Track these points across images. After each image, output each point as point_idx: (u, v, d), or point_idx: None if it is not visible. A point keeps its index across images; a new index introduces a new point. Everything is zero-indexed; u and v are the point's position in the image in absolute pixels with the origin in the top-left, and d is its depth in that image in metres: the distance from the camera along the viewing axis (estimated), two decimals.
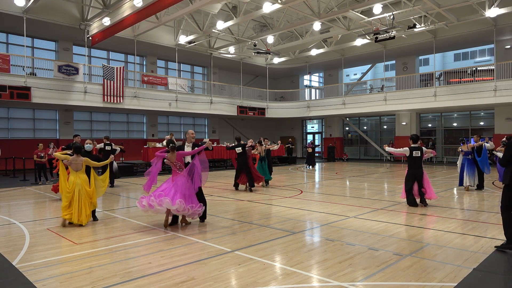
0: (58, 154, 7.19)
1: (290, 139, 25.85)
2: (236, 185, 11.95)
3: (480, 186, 11.11)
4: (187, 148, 6.87)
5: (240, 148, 11.66)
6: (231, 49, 23.45)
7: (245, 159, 11.59)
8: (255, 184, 11.74)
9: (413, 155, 8.43)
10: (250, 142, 11.98)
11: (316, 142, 32.07)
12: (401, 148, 8.77)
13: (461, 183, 11.16)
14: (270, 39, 21.15)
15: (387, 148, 8.99)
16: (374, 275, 4.20)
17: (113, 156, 8.16)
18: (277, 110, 28.09)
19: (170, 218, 6.63)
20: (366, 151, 29.17)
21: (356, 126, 28.83)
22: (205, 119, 28.14)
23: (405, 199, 8.66)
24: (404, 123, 25.15)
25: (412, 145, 8.54)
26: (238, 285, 3.98)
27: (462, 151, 11.16)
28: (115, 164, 13.89)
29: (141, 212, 8.29)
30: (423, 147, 8.64)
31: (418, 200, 8.51)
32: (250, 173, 11.55)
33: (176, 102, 22.11)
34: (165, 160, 6.77)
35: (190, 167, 6.60)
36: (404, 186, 8.65)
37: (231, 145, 12.29)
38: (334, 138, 28.97)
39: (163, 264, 4.63)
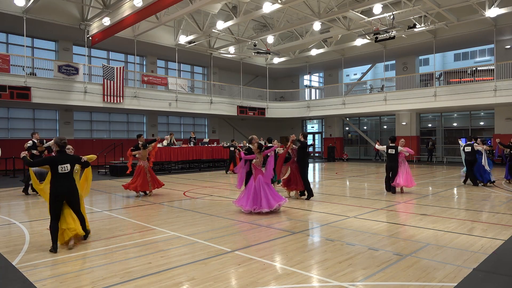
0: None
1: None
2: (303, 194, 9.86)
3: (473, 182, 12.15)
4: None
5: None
6: (231, 49, 23.45)
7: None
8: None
9: (388, 152, 10.52)
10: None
11: (316, 143, 32.00)
12: (383, 146, 10.97)
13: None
14: (270, 39, 21.14)
15: (377, 146, 11.31)
16: (374, 275, 4.20)
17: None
18: (277, 110, 28.08)
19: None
20: (366, 151, 29.17)
21: (356, 126, 28.83)
22: (205, 119, 28.14)
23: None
24: (404, 123, 25.15)
25: (390, 144, 10.54)
26: (238, 285, 3.98)
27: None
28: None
29: (141, 212, 8.33)
30: (398, 146, 10.55)
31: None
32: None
33: (176, 102, 22.12)
34: (254, 162, 7.93)
35: (268, 164, 8.04)
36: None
37: (303, 141, 9.74)
38: (334, 138, 28.97)
39: (163, 264, 4.63)
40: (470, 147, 11.93)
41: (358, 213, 7.74)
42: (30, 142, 11.08)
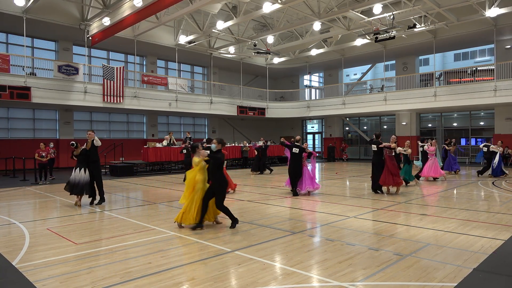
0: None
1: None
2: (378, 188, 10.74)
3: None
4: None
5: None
6: (231, 49, 23.44)
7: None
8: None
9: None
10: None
11: (317, 143, 31.93)
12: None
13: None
14: (270, 39, 21.14)
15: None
16: (374, 275, 4.20)
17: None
18: (277, 110, 28.08)
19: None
20: (366, 151, 29.14)
21: (356, 126, 28.83)
22: (205, 119, 28.14)
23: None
24: (404, 123, 25.14)
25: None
26: (238, 285, 3.98)
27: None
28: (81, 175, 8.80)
29: (140, 212, 8.32)
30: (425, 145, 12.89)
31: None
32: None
33: (176, 102, 22.11)
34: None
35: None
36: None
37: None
38: (334, 138, 28.97)
39: (163, 264, 4.63)
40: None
41: (358, 213, 7.73)
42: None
